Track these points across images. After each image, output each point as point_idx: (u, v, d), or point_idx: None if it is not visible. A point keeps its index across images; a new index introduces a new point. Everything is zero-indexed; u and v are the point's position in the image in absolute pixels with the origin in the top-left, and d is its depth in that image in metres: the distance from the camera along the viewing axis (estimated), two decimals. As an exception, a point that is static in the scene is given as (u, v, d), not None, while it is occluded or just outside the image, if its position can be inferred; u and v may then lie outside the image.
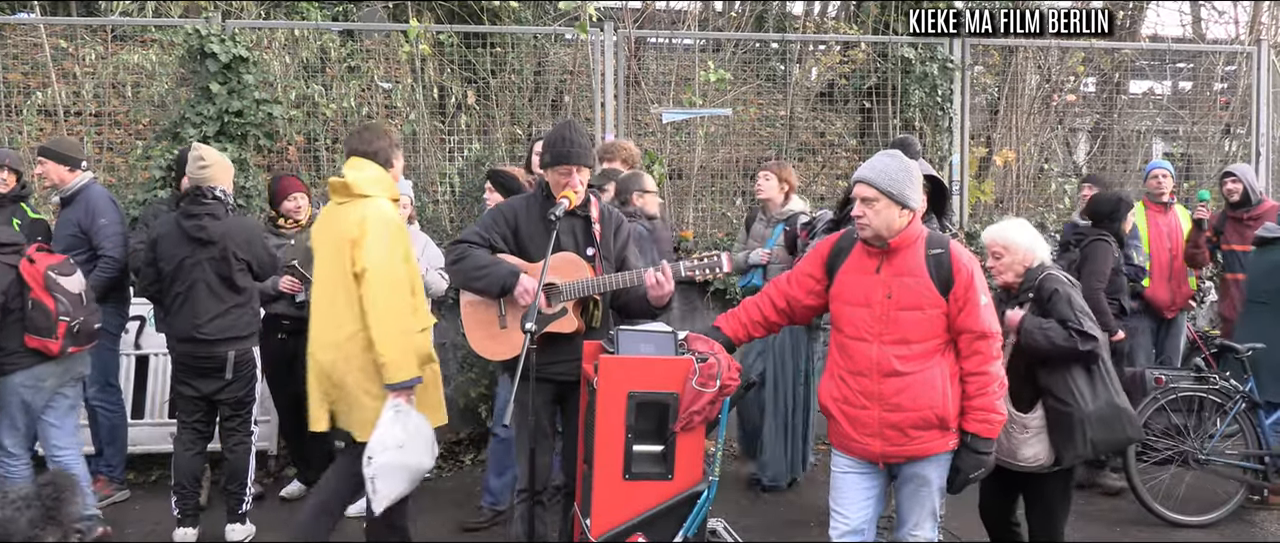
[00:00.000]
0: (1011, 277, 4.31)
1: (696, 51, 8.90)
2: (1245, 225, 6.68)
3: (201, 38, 6.94)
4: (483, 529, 5.64)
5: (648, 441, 3.74)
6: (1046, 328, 4.07)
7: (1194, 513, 5.86)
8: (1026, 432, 4.10)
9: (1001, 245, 4.28)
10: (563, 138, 4.16)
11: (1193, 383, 5.88)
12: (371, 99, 7.86)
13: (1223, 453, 5.90)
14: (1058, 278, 4.20)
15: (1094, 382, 4.12)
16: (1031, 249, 4.28)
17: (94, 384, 5.98)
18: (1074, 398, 4.07)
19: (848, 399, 3.72)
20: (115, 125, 7.75)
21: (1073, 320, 4.04)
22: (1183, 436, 5.83)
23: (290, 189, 6.09)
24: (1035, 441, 4.09)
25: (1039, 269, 4.27)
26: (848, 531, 3.76)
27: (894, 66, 8.33)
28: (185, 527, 5.21)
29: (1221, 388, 5.86)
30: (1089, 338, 4.03)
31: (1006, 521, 4.48)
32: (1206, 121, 9.84)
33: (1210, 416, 5.87)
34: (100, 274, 5.76)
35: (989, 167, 9.07)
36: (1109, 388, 4.15)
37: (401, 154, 4.57)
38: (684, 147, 8.45)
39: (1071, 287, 4.21)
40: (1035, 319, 4.11)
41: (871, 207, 3.64)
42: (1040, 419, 4.10)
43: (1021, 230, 4.33)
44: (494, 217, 4.32)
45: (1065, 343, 4.04)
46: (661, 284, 4.03)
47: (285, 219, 6.08)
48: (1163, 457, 5.86)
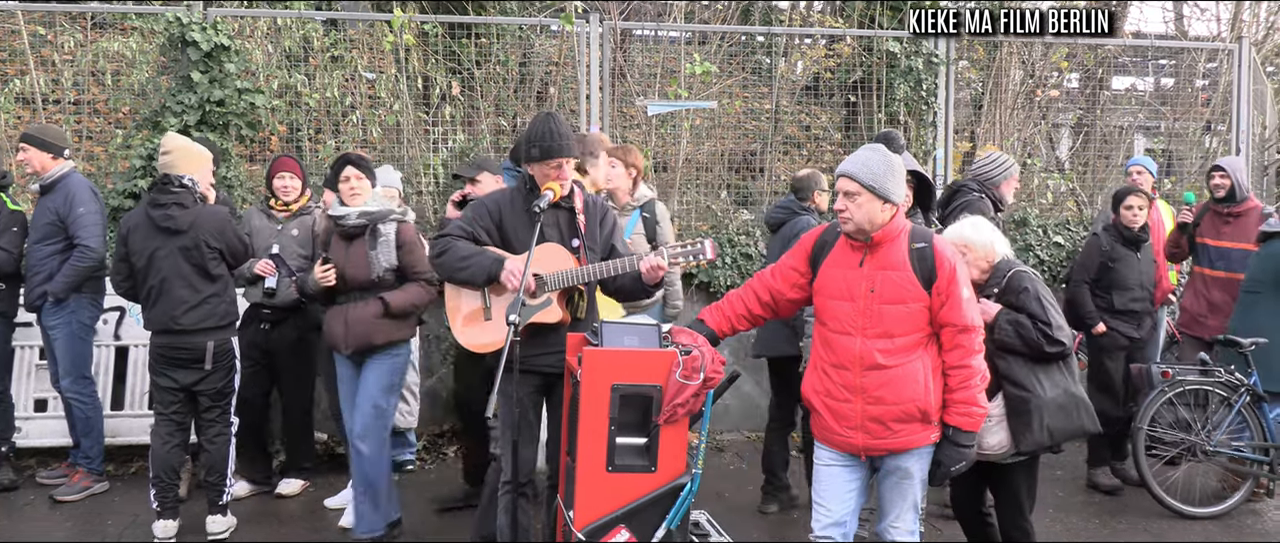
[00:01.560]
0: (976, 273, 4.33)
1: (682, 44, 8.89)
2: (1223, 220, 6.66)
3: (182, 26, 6.89)
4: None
5: (631, 433, 3.75)
6: (1020, 324, 4.10)
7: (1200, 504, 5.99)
8: (989, 420, 4.12)
9: (963, 244, 4.30)
10: (549, 131, 4.15)
11: (1199, 377, 5.94)
12: (355, 89, 7.81)
13: (1229, 445, 5.97)
14: (1027, 275, 4.25)
15: (1052, 371, 4.16)
16: (991, 245, 4.32)
17: (67, 376, 5.93)
18: (1032, 386, 4.10)
19: (830, 393, 3.73)
20: (95, 114, 7.68)
21: (1042, 318, 4.09)
22: (1189, 429, 5.91)
23: (281, 167, 6.01)
24: (998, 428, 4.12)
25: (1005, 264, 4.31)
26: (830, 523, 3.77)
27: (879, 61, 8.34)
28: (165, 520, 5.18)
29: (1226, 382, 5.92)
30: (1057, 343, 4.08)
31: (977, 511, 4.53)
32: (1188, 118, 9.91)
33: (1216, 409, 5.93)
34: (75, 264, 5.71)
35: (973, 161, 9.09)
36: (1067, 377, 4.20)
37: (600, 160, 5.23)
38: (669, 139, 8.44)
39: (1042, 283, 4.25)
40: (1010, 314, 4.15)
41: (854, 201, 3.64)
42: (1001, 407, 4.13)
43: (977, 229, 4.36)
44: (477, 209, 4.31)
45: (1036, 341, 4.08)
46: (656, 271, 4.05)
47: (276, 199, 6.00)
48: (1171, 455, 5.98)
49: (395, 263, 5.04)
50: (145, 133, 7.06)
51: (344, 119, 7.63)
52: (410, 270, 5.07)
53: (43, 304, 5.84)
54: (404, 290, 5.06)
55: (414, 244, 5.10)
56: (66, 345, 5.89)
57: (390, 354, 5.11)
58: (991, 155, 5.83)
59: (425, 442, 6.96)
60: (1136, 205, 6.39)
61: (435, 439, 7.12)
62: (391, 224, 5.05)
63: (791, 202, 5.96)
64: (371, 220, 5.01)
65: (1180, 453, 5.98)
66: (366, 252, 5.01)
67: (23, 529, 5.52)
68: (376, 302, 4.99)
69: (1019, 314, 4.15)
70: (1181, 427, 5.93)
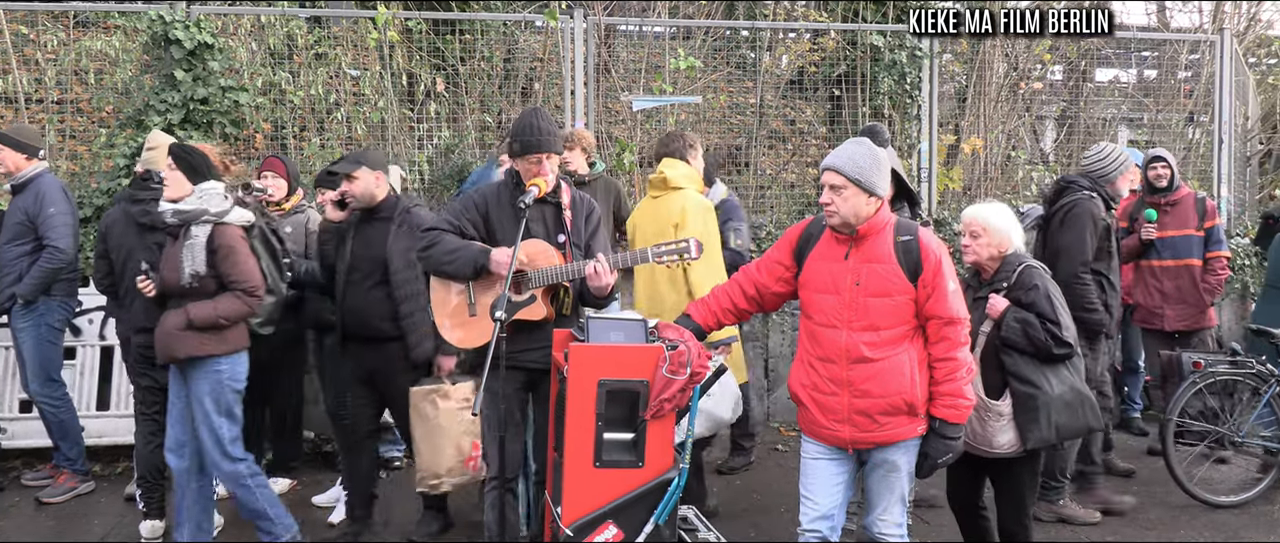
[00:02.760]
0: (983, 257, 4.33)
1: (667, 39, 8.90)
2: (1163, 210, 6.65)
3: (165, 24, 6.85)
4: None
5: (618, 428, 3.74)
6: (1028, 324, 4.11)
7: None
8: (1001, 419, 4.13)
9: (980, 225, 4.31)
10: (532, 126, 4.15)
11: (1229, 367, 5.97)
12: (340, 86, 7.78)
13: (1258, 435, 5.98)
14: (1038, 272, 4.24)
15: (1058, 368, 4.17)
16: (1006, 234, 4.31)
17: (36, 380, 5.84)
18: (1039, 382, 4.11)
19: (817, 386, 3.74)
20: (78, 113, 7.63)
21: (1051, 317, 4.10)
22: (1218, 419, 5.93)
23: (267, 167, 5.98)
24: (1010, 427, 4.12)
25: (1016, 258, 4.30)
26: (818, 516, 3.78)
27: (863, 55, 8.36)
28: (151, 520, 5.16)
29: (1257, 372, 5.95)
30: (1065, 344, 4.10)
31: (974, 506, 4.51)
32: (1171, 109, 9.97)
33: (1246, 399, 5.96)
34: (44, 265, 5.65)
35: (957, 154, 9.14)
36: (1073, 374, 4.20)
37: (697, 153, 5.47)
38: (654, 134, 8.44)
39: (1053, 282, 4.25)
40: (1018, 313, 4.15)
41: (840, 194, 3.65)
42: (1010, 406, 4.14)
43: (1000, 214, 4.35)
44: (464, 204, 4.31)
45: (1043, 342, 4.09)
46: (600, 275, 4.01)
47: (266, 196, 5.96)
48: (1203, 446, 6.00)
49: (202, 269, 4.48)
50: (129, 132, 7.01)
51: (329, 116, 7.60)
52: (225, 279, 4.52)
53: (11, 307, 5.78)
54: (213, 302, 4.50)
55: (232, 250, 4.52)
56: (34, 348, 5.82)
57: (210, 370, 4.56)
58: (1102, 147, 5.61)
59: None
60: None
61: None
62: (206, 226, 4.50)
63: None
64: (184, 220, 4.52)
65: (1210, 444, 5.99)
66: (179, 254, 4.53)
67: (8, 531, 5.49)
68: (182, 311, 4.51)
69: (1027, 313, 4.15)
70: (1208, 417, 5.94)
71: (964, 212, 4.48)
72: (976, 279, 4.42)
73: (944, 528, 5.29)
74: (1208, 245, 6.65)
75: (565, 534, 3.71)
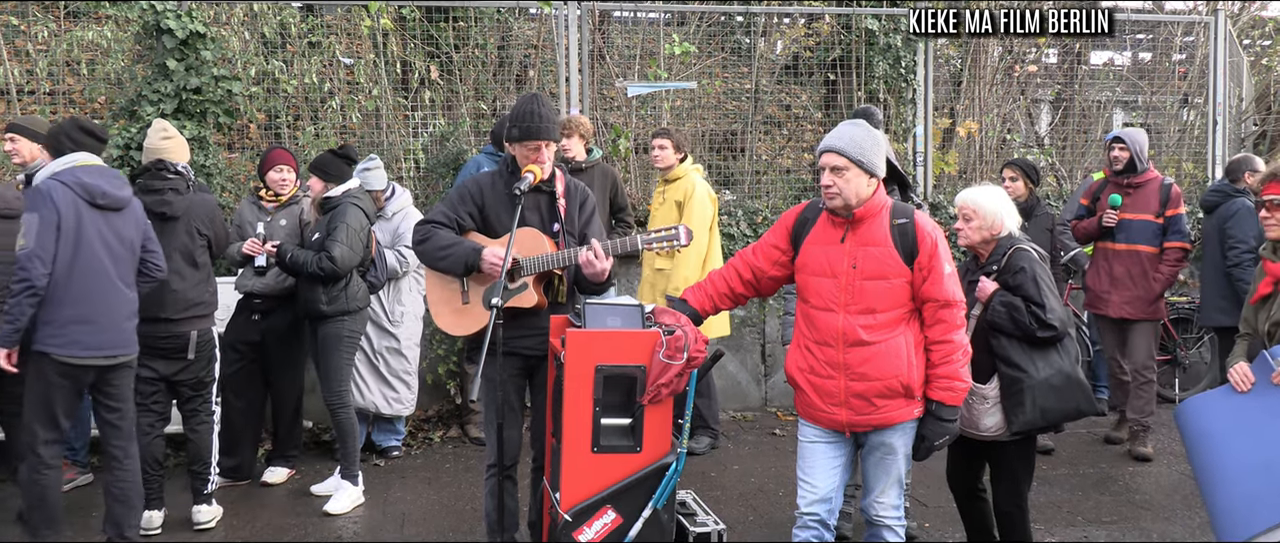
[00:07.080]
0: (977, 240, 4.33)
1: (661, 25, 8.87)
2: (1123, 192, 6.48)
3: (157, 13, 6.81)
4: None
5: (616, 413, 3.76)
6: (1013, 307, 4.11)
7: None
8: (986, 402, 4.14)
9: (971, 208, 4.31)
10: (532, 113, 4.13)
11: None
12: (333, 75, 7.76)
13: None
14: (1028, 254, 4.23)
15: (1048, 352, 4.14)
16: (998, 216, 4.31)
17: None
18: (1025, 365, 4.11)
19: (814, 369, 3.75)
20: (70, 104, 7.59)
21: (1036, 300, 4.09)
22: None
23: (277, 161, 5.98)
24: (995, 410, 4.13)
25: (1008, 240, 4.30)
26: (815, 499, 3.79)
27: (858, 39, 8.35)
28: (150, 510, 5.16)
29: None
30: (1049, 327, 4.08)
31: (973, 488, 4.53)
32: (1165, 92, 9.97)
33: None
34: None
35: (952, 138, 9.14)
36: (1064, 359, 4.18)
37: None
38: (650, 120, 8.43)
39: (1040, 264, 4.24)
40: (1005, 296, 4.15)
41: (841, 176, 3.65)
42: (997, 389, 4.14)
43: (992, 197, 4.35)
44: (460, 194, 4.30)
45: (1027, 325, 4.08)
46: (595, 261, 3.97)
47: (267, 191, 5.98)
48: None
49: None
50: (122, 122, 6.99)
51: (323, 105, 7.58)
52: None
53: None
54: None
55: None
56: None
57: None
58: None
59: (411, 427, 6.95)
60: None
61: (421, 424, 7.11)
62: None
63: (1224, 184, 6.30)
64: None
65: None
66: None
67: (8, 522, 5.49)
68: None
69: (1013, 296, 4.15)
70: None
71: (958, 196, 4.49)
72: (975, 262, 4.43)
73: (942, 511, 5.32)
74: (1166, 235, 6.40)
75: (564, 520, 3.73)
